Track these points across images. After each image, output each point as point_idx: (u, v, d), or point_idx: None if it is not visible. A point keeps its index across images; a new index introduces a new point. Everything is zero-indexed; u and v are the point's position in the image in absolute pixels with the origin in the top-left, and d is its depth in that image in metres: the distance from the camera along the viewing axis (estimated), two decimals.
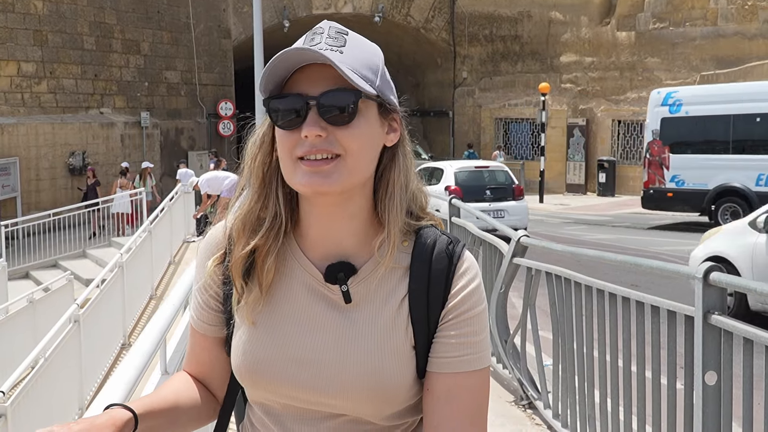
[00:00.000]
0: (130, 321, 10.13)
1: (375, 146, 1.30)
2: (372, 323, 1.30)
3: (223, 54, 26.99)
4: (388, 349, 1.29)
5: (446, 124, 30.57)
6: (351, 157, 1.25)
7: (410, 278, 1.32)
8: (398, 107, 1.34)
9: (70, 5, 21.75)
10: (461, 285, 1.31)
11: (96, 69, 22.57)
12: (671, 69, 24.00)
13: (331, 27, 1.30)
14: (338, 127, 1.24)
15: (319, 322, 1.31)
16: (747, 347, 3.02)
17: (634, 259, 4.27)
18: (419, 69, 31.35)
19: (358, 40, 1.30)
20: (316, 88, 1.25)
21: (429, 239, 1.33)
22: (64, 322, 6.95)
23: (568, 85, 26.68)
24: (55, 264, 16.42)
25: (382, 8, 28.40)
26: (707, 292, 3.22)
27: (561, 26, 26.69)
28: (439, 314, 1.31)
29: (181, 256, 14.65)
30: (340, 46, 1.26)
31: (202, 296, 1.42)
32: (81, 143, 21.69)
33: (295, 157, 1.25)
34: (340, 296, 1.31)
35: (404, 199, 1.32)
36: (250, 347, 1.32)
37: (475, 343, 1.31)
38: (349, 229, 1.32)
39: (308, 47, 1.25)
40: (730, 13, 22.84)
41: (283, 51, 1.24)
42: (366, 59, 1.28)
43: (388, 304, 1.31)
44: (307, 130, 1.23)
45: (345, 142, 1.24)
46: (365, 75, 1.26)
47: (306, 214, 1.34)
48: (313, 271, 1.33)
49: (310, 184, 1.24)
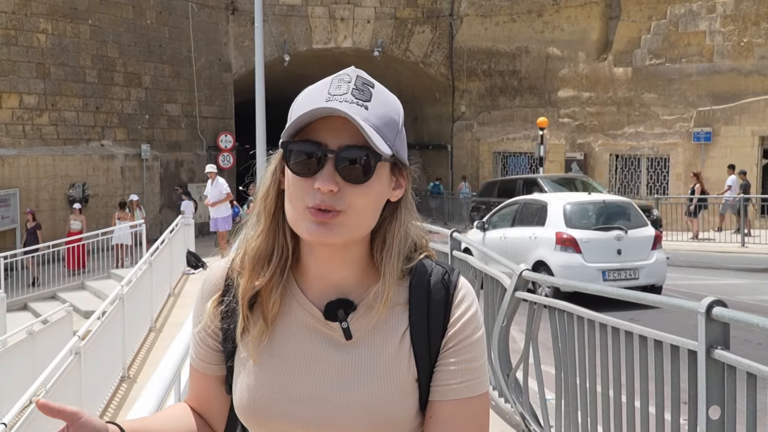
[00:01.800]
0: (130, 353, 10.10)
1: (380, 202, 1.31)
2: (374, 359, 1.31)
3: (223, 87, 27.20)
4: (391, 383, 1.30)
5: (445, 158, 30.70)
6: (354, 212, 1.26)
7: (410, 312, 1.33)
8: (408, 165, 1.35)
9: (73, 39, 21.96)
10: (460, 312, 1.33)
11: (97, 101, 22.73)
12: (668, 104, 24.20)
13: (358, 77, 1.30)
14: (351, 184, 1.25)
15: (320, 359, 1.32)
16: (750, 382, 3.04)
17: (637, 294, 4.30)
18: (418, 103, 31.57)
19: (383, 94, 1.30)
20: (336, 141, 1.25)
21: (425, 272, 1.35)
22: (65, 354, 6.94)
23: (566, 120, 26.87)
24: (54, 296, 16.39)
25: (382, 43, 28.68)
26: (710, 327, 3.25)
27: (558, 62, 26.95)
28: (439, 343, 1.32)
29: (180, 288, 14.64)
30: (365, 100, 1.27)
31: (200, 336, 1.43)
32: (81, 175, 21.77)
33: (304, 205, 1.26)
34: (340, 333, 1.32)
35: (402, 252, 1.34)
36: (252, 387, 1.33)
37: (475, 368, 1.33)
38: (348, 272, 1.34)
39: (336, 100, 1.25)
40: (725, 50, 23.09)
41: (315, 108, 1.23)
42: (389, 117, 1.28)
43: (389, 339, 1.32)
44: (322, 183, 1.23)
45: (353, 198, 1.25)
46: (385, 134, 1.27)
47: (306, 255, 1.35)
48: (312, 309, 1.34)
49: (316, 234, 1.25)
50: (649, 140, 24.60)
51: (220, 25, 27.07)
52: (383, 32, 28.85)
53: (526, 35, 27.68)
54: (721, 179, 22.45)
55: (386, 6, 28.87)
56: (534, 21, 27.47)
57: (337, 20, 28.56)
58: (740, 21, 22.78)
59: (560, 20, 26.78)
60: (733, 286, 13.03)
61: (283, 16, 28.08)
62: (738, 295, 11.46)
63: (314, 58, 29.10)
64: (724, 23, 23.07)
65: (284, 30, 28.12)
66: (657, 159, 24.75)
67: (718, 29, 23.18)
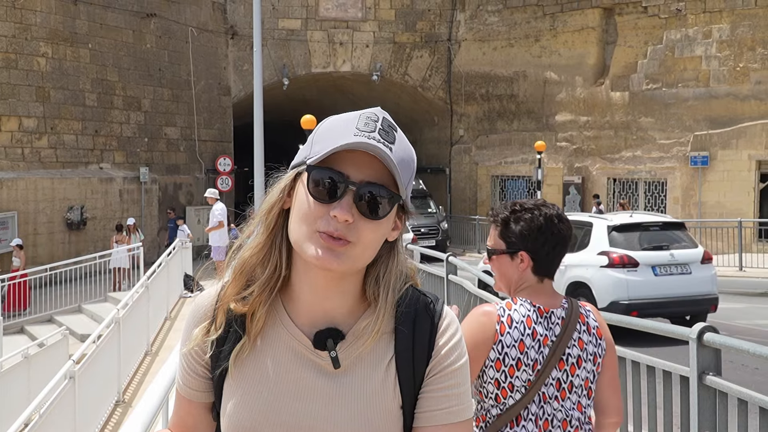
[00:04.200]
0: (125, 377, 10.06)
1: (382, 240, 1.34)
2: (361, 387, 1.33)
3: (222, 110, 27.31)
4: (378, 411, 1.32)
5: (443, 181, 30.77)
6: (361, 246, 1.29)
7: (396, 341, 1.35)
8: (411, 211, 1.39)
9: (73, 62, 22.08)
10: (444, 340, 1.36)
11: (97, 125, 22.80)
12: (665, 129, 24.30)
13: (384, 119, 1.33)
14: (365, 218, 1.28)
15: (307, 387, 1.33)
16: (742, 408, 3.04)
17: (630, 319, 4.31)
18: (416, 126, 31.70)
19: (403, 140, 1.34)
20: (359, 175, 1.29)
21: (411, 302, 1.38)
22: (59, 378, 6.92)
23: (564, 144, 26.97)
24: (51, 319, 16.33)
25: (380, 67, 28.85)
26: (701, 353, 3.26)
27: (556, 86, 27.10)
28: (424, 370, 1.35)
29: (177, 312, 14.61)
30: (390, 142, 1.30)
31: (188, 362, 1.44)
32: (80, 198, 21.79)
33: (315, 228, 1.28)
34: (328, 362, 1.33)
35: (397, 287, 1.37)
36: (240, 412, 1.34)
37: (458, 394, 1.35)
38: (340, 302, 1.36)
39: (364, 136, 1.28)
40: (722, 75, 23.24)
41: (354, 142, 1.26)
42: (407, 163, 1.33)
43: (376, 367, 1.34)
44: (340, 213, 1.26)
45: (364, 233, 1.28)
46: (402, 178, 1.30)
47: (299, 281, 1.37)
48: (301, 337, 1.35)
49: (322, 258, 1.27)
50: (646, 164, 24.67)
51: (219, 49, 27.24)
52: (382, 56, 29.03)
53: (523, 60, 27.86)
54: (719, 203, 22.52)
55: (385, 30, 29.08)
56: (531, 46, 27.65)
57: (336, 44, 28.75)
58: (736, 46, 22.94)
59: (557, 45, 26.96)
60: (731, 311, 13.01)
61: (283, 40, 28.27)
62: (735, 320, 11.45)
63: (313, 81, 29.26)
64: (720, 48, 23.23)
65: (283, 54, 28.29)
66: (654, 183, 24.81)
67: (714, 54, 23.33)
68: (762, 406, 2.92)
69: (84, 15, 22.36)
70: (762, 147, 22.25)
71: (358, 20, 28.80)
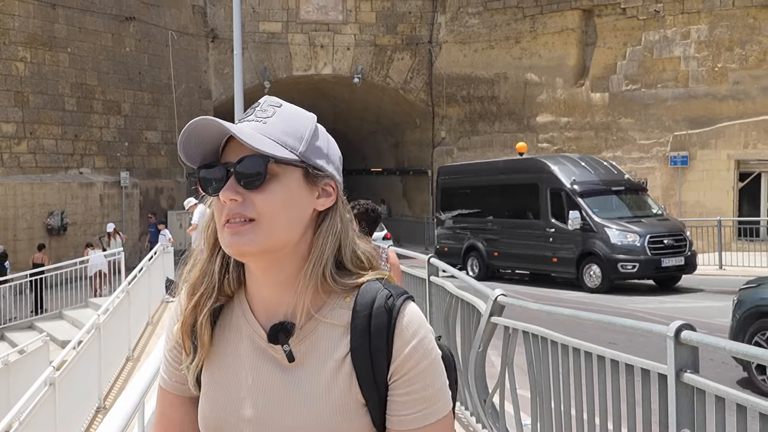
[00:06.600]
0: (106, 383, 9.99)
1: (296, 210, 1.32)
2: (315, 381, 1.31)
3: (203, 114, 27.11)
4: (330, 405, 1.30)
5: (425, 183, 30.81)
6: (266, 220, 1.29)
7: (351, 335, 1.32)
8: (331, 173, 1.37)
9: (52, 67, 21.91)
10: (403, 341, 1.30)
11: (76, 129, 22.64)
12: (645, 129, 24.47)
13: (266, 101, 1.37)
14: (252, 191, 1.29)
15: (266, 381, 1.34)
16: (719, 405, 3.07)
17: (609, 318, 4.33)
18: (398, 128, 31.72)
19: (289, 112, 1.36)
20: (236, 156, 1.31)
21: (369, 294, 1.33)
22: (39, 385, 6.86)
23: (545, 145, 27.08)
24: (31, 325, 16.19)
25: (362, 70, 28.85)
26: (679, 351, 3.28)
27: (537, 87, 27.21)
28: (386, 372, 1.31)
29: (159, 316, 14.51)
30: (266, 117, 1.34)
31: (171, 355, 1.46)
32: (60, 203, 21.62)
33: (222, 222, 1.31)
34: (283, 355, 1.33)
35: (325, 261, 1.33)
36: (208, 406, 1.37)
37: (428, 397, 1.30)
38: (286, 290, 1.35)
39: (241, 122, 1.34)
40: (700, 75, 23.43)
41: (192, 121, 1.32)
42: (290, 128, 1.34)
43: (329, 361, 1.32)
44: (223, 194, 1.29)
45: (258, 204, 1.29)
46: (285, 141, 1.32)
47: (248, 277, 1.39)
48: (260, 331, 1.36)
49: (231, 244, 1.29)
50: (626, 164, 24.80)
51: (200, 52, 27.14)
52: (363, 59, 29.04)
53: (504, 62, 27.96)
54: (699, 202, 22.69)
55: (366, 33, 29.09)
56: (512, 48, 27.76)
57: (317, 47, 28.72)
58: (714, 47, 23.14)
59: (537, 47, 27.08)
60: (711, 309, 13.11)
61: (263, 43, 28.21)
62: (716, 318, 11.53)
63: (294, 84, 29.21)
64: (698, 49, 23.43)
65: (264, 57, 28.23)
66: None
67: (692, 55, 23.53)
68: (739, 402, 2.94)
69: (62, 19, 22.20)
70: (740, 146, 22.47)
71: (338, 23, 28.80)
